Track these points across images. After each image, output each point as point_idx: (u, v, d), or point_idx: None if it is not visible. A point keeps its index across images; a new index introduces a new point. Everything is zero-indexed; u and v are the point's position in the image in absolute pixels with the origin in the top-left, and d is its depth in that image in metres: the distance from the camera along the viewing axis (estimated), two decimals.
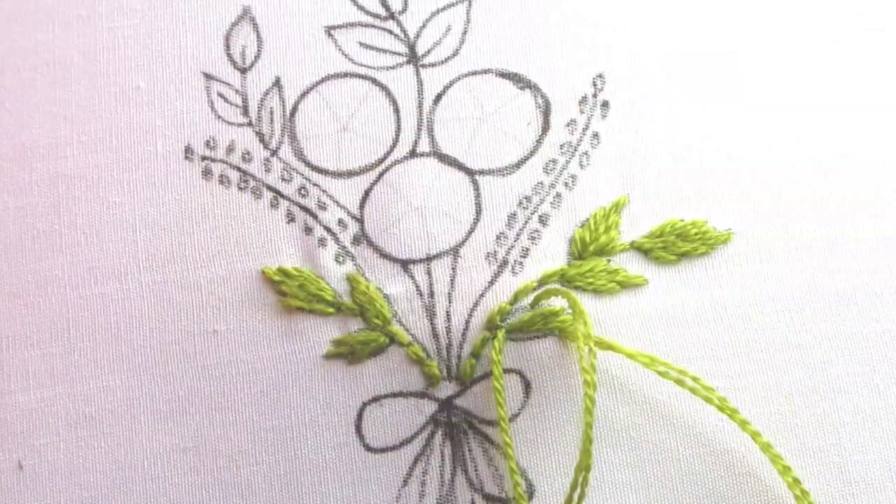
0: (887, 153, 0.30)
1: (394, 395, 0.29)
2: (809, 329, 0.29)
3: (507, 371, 0.29)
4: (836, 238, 0.30)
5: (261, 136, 0.31)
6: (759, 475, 0.29)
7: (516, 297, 0.30)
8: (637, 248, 0.30)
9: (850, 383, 0.28)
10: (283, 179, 0.31)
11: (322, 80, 0.31)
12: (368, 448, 0.29)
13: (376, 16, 0.32)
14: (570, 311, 0.28)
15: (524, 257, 0.30)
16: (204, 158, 0.31)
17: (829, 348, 0.29)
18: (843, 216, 0.30)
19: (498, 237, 0.30)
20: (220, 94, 0.31)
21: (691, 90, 0.31)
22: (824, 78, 0.31)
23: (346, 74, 0.31)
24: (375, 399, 0.29)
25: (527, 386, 0.29)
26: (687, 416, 0.29)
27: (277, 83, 0.31)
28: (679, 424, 0.29)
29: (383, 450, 0.29)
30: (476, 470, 0.29)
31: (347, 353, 0.30)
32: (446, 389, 0.30)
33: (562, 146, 0.31)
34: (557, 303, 0.30)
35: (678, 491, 0.29)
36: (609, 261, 0.30)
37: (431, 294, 0.30)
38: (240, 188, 0.31)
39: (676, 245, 0.30)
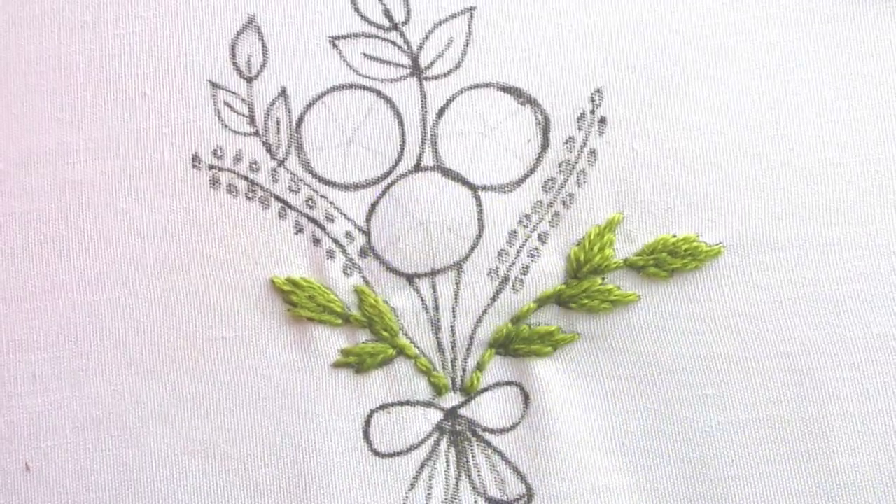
0: (874, 163, 0.31)
1: (401, 403, 0.30)
2: (798, 337, 0.29)
3: (507, 383, 0.30)
4: (826, 247, 0.30)
5: (268, 147, 0.31)
6: (746, 479, 0.29)
7: (518, 318, 0.30)
8: (630, 265, 0.31)
9: (838, 388, 0.29)
10: (291, 190, 0.31)
11: (327, 92, 0.32)
12: (376, 453, 0.30)
13: (380, 26, 0.32)
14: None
15: (524, 274, 0.31)
16: (211, 167, 0.31)
17: (817, 355, 0.29)
18: (832, 225, 0.30)
19: (499, 254, 0.31)
20: (227, 103, 0.32)
21: (685, 105, 0.31)
22: (815, 93, 0.31)
23: (350, 86, 0.32)
24: (383, 407, 0.30)
25: (526, 397, 0.30)
26: (676, 424, 0.30)
27: (283, 93, 0.32)
28: (668, 432, 0.30)
29: (390, 455, 0.30)
30: (479, 474, 0.30)
31: (356, 362, 0.30)
32: (451, 400, 0.30)
33: (560, 164, 0.31)
34: (553, 322, 0.30)
35: (668, 495, 0.30)
36: (603, 279, 0.31)
37: (436, 308, 0.31)
38: (248, 198, 0.31)
39: (668, 262, 0.30)
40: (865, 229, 0.30)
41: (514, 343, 0.30)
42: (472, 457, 0.30)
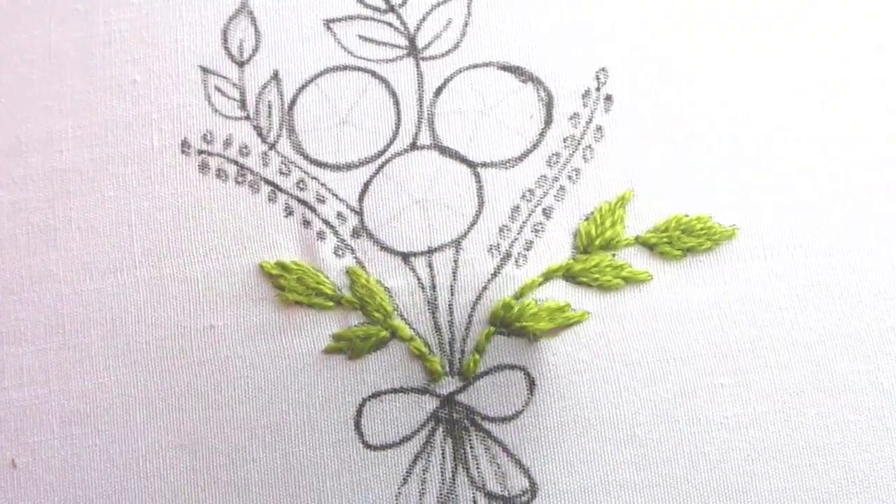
0: (889, 153, 0.30)
1: (394, 390, 0.29)
2: (813, 327, 0.29)
3: (511, 367, 0.29)
4: (841, 235, 0.29)
5: (259, 130, 0.31)
6: (763, 474, 0.28)
7: (521, 293, 0.29)
8: (642, 242, 0.30)
9: (854, 381, 0.28)
10: (282, 173, 0.31)
11: (321, 74, 0.31)
12: (368, 445, 0.29)
13: (376, 9, 0.32)
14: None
15: (528, 250, 0.30)
16: (201, 152, 0.31)
17: (833, 346, 0.29)
18: (848, 213, 0.30)
19: (501, 230, 0.30)
20: (218, 88, 0.31)
21: (695, 83, 0.31)
22: (828, 74, 0.31)
23: (345, 67, 0.31)
24: (375, 395, 0.29)
25: (531, 383, 0.29)
26: (691, 414, 0.29)
27: (276, 76, 0.31)
28: (683, 423, 0.29)
29: (383, 447, 0.29)
30: (478, 467, 0.29)
31: (347, 347, 0.29)
32: (448, 385, 0.29)
33: (565, 139, 0.30)
34: (562, 296, 0.29)
35: (682, 490, 0.28)
36: (614, 255, 0.30)
37: (433, 287, 0.29)
38: (237, 182, 0.30)
39: (682, 240, 0.29)
40: (881, 220, 0.30)
41: (519, 320, 0.29)
42: (471, 448, 0.29)
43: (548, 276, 0.29)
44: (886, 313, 0.29)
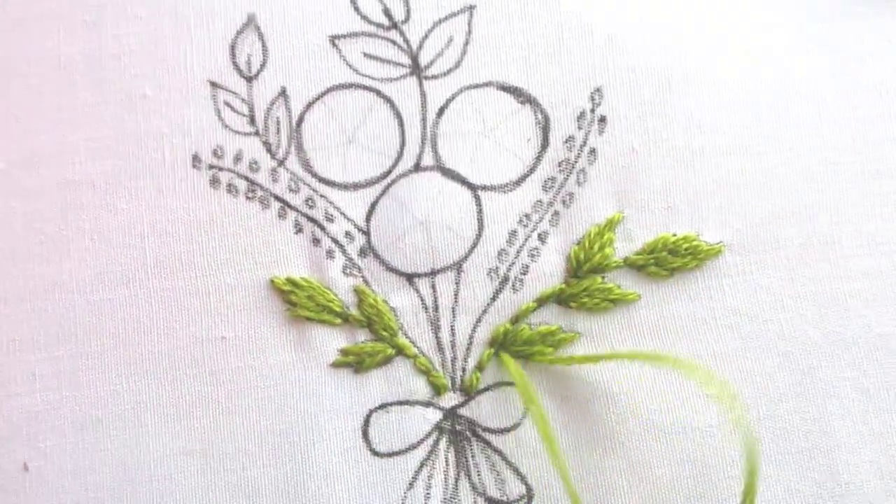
0: (874, 161, 0.31)
1: (400, 403, 0.30)
2: (798, 337, 0.29)
3: (508, 384, 0.30)
4: (826, 245, 0.30)
5: (268, 146, 0.31)
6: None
7: (517, 318, 0.30)
8: (630, 264, 0.31)
9: (839, 388, 0.29)
10: (291, 190, 0.31)
11: (327, 91, 0.32)
12: (375, 453, 0.30)
13: (379, 25, 0.32)
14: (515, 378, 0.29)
15: (524, 274, 0.31)
16: (211, 167, 0.31)
17: (818, 355, 0.29)
18: (832, 224, 0.30)
19: (499, 253, 0.31)
20: (227, 103, 0.31)
21: (685, 104, 0.31)
22: (815, 92, 0.32)
23: (350, 85, 0.32)
24: (382, 406, 0.30)
25: None
26: (676, 423, 0.30)
27: (283, 93, 0.32)
28: (669, 432, 0.30)
29: (389, 455, 0.30)
30: (479, 475, 0.30)
31: (355, 362, 0.30)
32: (451, 399, 0.30)
33: (560, 164, 0.31)
34: (553, 322, 0.30)
35: (668, 495, 0.29)
36: (604, 278, 0.31)
37: (436, 308, 0.31)
38: (248, 198, 0.31)
39: (668, 261, 0.30)
40: (865, 228, 0.30)
41: (515, 345, 0.30)
42: (472, 457, 0.30)
43: (541, 302, 0.31)
44: (874, 321, 0.29)
